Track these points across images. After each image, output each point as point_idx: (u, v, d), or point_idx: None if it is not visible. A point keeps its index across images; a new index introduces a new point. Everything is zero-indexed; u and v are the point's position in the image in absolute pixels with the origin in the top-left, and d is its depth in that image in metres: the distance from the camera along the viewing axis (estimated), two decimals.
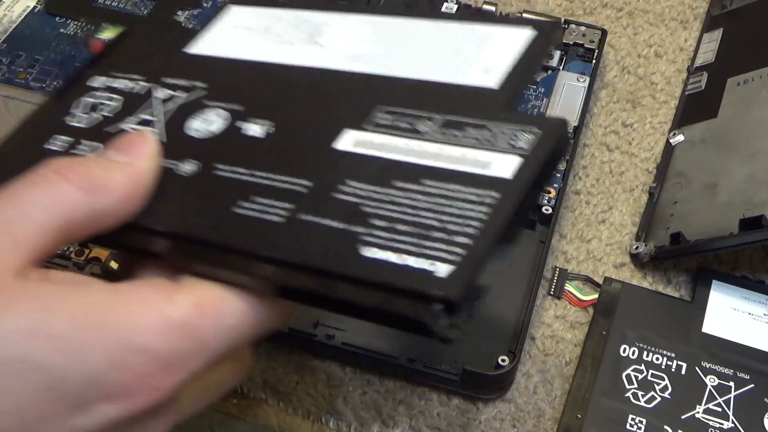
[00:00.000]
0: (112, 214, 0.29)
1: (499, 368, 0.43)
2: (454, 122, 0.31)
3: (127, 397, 0.27)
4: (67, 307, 0.27)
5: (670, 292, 0.48)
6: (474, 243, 0.26)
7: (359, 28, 0.37)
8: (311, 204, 0.29)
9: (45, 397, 0.26)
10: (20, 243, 0.28)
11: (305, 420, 0.43)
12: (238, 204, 0.30)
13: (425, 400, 0.44)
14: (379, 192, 0.29)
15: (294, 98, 0.35)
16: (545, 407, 0.44)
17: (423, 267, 0.26)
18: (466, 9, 0.59)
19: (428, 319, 0.26)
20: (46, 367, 0.26)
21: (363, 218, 0.28)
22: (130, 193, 0.30)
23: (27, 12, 0.58)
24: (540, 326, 0.47)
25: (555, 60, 0.56)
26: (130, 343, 0.27)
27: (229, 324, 0.29)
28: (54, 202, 0.28)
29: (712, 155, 0.51)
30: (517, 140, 0.29)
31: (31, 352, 0.26)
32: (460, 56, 0.34)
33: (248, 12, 0.40)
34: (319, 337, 0.44)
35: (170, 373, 0.28)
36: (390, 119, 0.32)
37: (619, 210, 0.52)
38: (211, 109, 0.34)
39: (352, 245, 0.27)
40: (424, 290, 0.26)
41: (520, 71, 0.33)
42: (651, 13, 0.62)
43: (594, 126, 0.56)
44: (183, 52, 0.39)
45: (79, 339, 0.27)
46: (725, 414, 0.43)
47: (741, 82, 0.54)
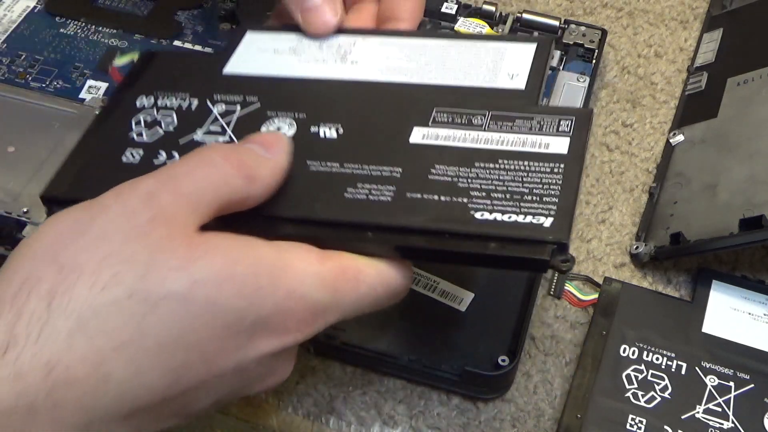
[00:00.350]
0: (254, 199, 0.35)
1: (499, 368, 0.43)
2: (502, 116, 0.38)
3: (282, 334, 0.33)
4: (247, 260, 0.32)
5: (670, 292, 0.48)
6: (560, 199, 0.34)
7: (383, 48, 0.43)
8: (411, 184, 0.36)
9: (224, 334, 0.32)
10: (196, 211, 0.33)
11: (305, 420, 0.43)
12: (347, 190, 0.36)
13: (425, 400, 0.44)
14: (466, 171, 0.36)
15: (351, 103, 0.41)
16: (545, 407, 0.44)
17: (530, 221, 0.34)
18: (465, 8, 0.59)
19: (548, 257, 0.33)
20: (230, 309, 0.32)
21: (462, 191, 0.35)
22: (270, 185, 0.36)
23: (27, 12, 0.58)
24: (540, 326, 0.47)
25: (555, 60, 0.56)
26: (293, 292, 0.33)
27: (363, 288, 0.35)
28: (221, 183, 0.34)
29: (712, 155, 0.51)
30: (560, 125, 0.37)
31: (220, 296, 0.31)
32: (483, 66, 0.41)
33: (266, 36, 0.45)
34: (319, 337, 0.44)
35: (315, 320, 0.34)
36: (447, 117, 0.39)
37: (619, 210, 0.52)
38: (276, 118, 0.40)
39: (465, 211, 0.34)
40: (540, 237, 0.33)
41: (537, 75, 0.41)
42: (651, 13, 0.62)
43: (594, 126, 0.56)
44: (222, 72, 0.44)
45: (257, 286, 0.32)
46: (725, 414, 0.43)
47: (741, 82, 0.54)
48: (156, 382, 0.31)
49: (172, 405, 0.33)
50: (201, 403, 0.34)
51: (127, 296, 0.31)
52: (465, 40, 0.43)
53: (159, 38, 0.56)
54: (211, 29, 0.57)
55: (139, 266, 0.31)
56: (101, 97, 0.53)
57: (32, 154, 0.49)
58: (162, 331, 0.31)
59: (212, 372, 0.33)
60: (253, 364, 0.34)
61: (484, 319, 0.45)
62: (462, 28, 0.57)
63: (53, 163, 0.49)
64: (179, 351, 0.31)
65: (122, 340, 0.31)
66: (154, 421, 0.33)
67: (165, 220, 0.32)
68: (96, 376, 0.30)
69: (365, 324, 0.45)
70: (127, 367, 0.31)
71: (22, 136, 0.50)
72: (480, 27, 0.57)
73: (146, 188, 0.33)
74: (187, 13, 0.58)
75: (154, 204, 0.32)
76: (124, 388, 0.31)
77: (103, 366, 0.30)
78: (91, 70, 0.54)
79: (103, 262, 0.31)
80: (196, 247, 0.32)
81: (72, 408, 0.30)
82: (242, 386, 0.35)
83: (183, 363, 0.32)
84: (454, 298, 0.46)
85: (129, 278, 0.31)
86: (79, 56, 0.55)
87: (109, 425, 0.31)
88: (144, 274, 0.31)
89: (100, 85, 0.53)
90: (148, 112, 0.41)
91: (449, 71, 0.42)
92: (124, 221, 0.32)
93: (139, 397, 0.31)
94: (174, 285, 0.31)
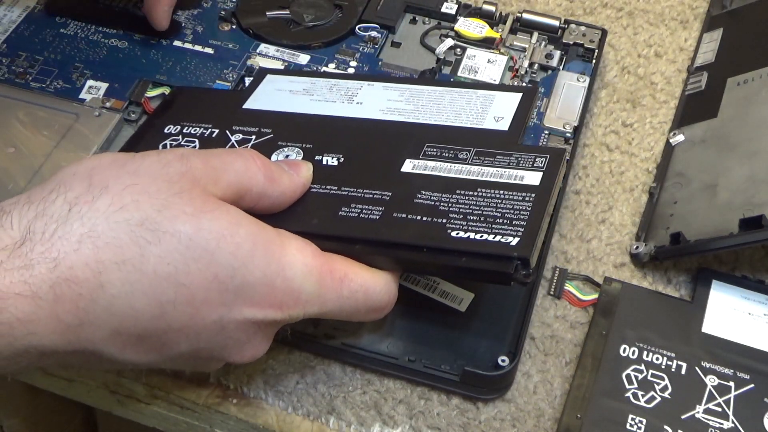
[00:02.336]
0: (270, 200, 0.40)
1: (499, 368, 0.43)
2: (486, 152, 0.43)
3: (264, 306, 0.37)
4: (250, 228, 0.36)
5: (670, 292, 0.48)
6: (527, 223, 0.39)
7: (386, 92, 0.49)
8: (398, 206, 0.41)
9: (212, 285, 0.35)
10: (217, 184, 0.37)
11: (305, 420, 0.43)
12: (341, 209, 0.41)
13: (425, 400, 0.44)
14: (447, 197, 0.41)
15: (353, 138, 0.46)
16: (545, 407, 0.44)
17: (499, 240, 0.38)
18: (465, 8, 0.59)
19: (512, 270, 0.37)
20: (222, 263, 0.35)
21: (442, 214, 0.40)
22: (286, 192, 0.40)
23: (27, 12, 0.58)
24: (540, 326, 0.47)
25: (555, 60, 0.56)
26: (282, 271, 0.37)
27: (345, 291, 0.38)
28: (245, 171, 0.38)
29: (712, 155, 0.51)
30: (535, 162, 0.42)
31: (218, 248, 0.35)
32: (473, 110, 0.47)
33: (283, 79, 0.52)
34: (319, 337, 0.44)
35: (296, 305, 0.37)
36: (436, 151, 0.44)
37: (619, 210, 0.52)
38: (286, 147, 0.45)
39: (443, 230, 0.39)
40: (506, 253, 0.38)
41: (519, 119, 0.46)
42: (651, 13, 0.62)
43: (594, 126, 0.56)
44: (241, 108, 0.49)
45: (252, 252, 0.36)
46: (725, 414, 0.43)
47: (741, 82, 0.54)
48: (144, 308, 0.35)
49: (153, 339, 0.36)
50: (180, 347, 0.37)
51: (139, 222, 0.35)
52: (459, 88, 0.49)
53: (159, 38, 0.56)
54: (211, 29, 0.57)
55: (157, 201, 0.35)
56: (101, 97, 0.53)
57: (32, 154, 0.49)
58: (160, 263, 0.34)
59: (195, 318, 0.36)
60: (233, 325, 0.37)
61: (484, 320, 0.45)
62: (462, 29, 0.57)
63: (53, 164, 0.49)
64: (170, 287, 0.35)
65: (124, 258, 0.34)
66: (136, 350, 0.36)
67: (193, 177, 0.37)
68: (94, 282, 0.34)
69: (365, 324, 0.45)
70: (122, 284, 0.34)
71: (22, 136, 0.50)
72: (480, 27, 0.57)
73: (182, 151, 0.38)
74: (187, 13, 0.58)
75: (186, 162, 0.37)
76: (116, 302, 0.34)
77: (102, 275, 0.34)
78: (91, 70, 0.54)
79: (128, 189, 0.35)
80: (210, 202, 0.36)
81: (69, 306, 0.34)
82: (220, 346, 0.37)
83: (171, 299, 0.35)
84: (454, 299, 0.46)
85: (146, 207, 0.35)
86: (79, 56, 0.55)
87: (97, 335, 0.35)
88: (160, 209, 0.35)
89: (100, 85, 0.53)
90: (174, 138, 0.47)
91: (442, 113, 0.47)
92: (158, 168, 0.37)
93: (127, 317, 0.35)
94: (182, 226, 0.35)
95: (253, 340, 0.38)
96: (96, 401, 0.47)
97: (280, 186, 0.40)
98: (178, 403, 0.44)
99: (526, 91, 0.48)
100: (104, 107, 0.52)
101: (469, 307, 0.45)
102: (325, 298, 0.38)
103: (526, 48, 0.57)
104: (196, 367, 0.42)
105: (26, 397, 0.61)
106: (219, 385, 0.44)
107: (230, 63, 0.55)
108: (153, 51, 0.56)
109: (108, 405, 0.47)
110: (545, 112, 0.53)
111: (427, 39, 0.58)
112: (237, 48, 0.56)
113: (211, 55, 0.56)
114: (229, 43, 0.57)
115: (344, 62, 0.56)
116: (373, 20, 0.58)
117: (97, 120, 0.51)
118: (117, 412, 0.47)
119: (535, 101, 0.48)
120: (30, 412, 0.62)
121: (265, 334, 0.39)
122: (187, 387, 0.44)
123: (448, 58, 0.56)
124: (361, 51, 0.57)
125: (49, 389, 0.48)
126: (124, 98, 0.53)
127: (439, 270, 0.41)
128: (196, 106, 0.50)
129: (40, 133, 0.50)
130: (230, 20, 0.58)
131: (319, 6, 0.58)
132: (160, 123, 0.48)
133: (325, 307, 0.38)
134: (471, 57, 0.56)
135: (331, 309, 0.38)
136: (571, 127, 0.53)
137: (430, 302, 0.46)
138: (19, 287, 0.33)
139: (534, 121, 0.53)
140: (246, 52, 0.56)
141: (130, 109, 0.52)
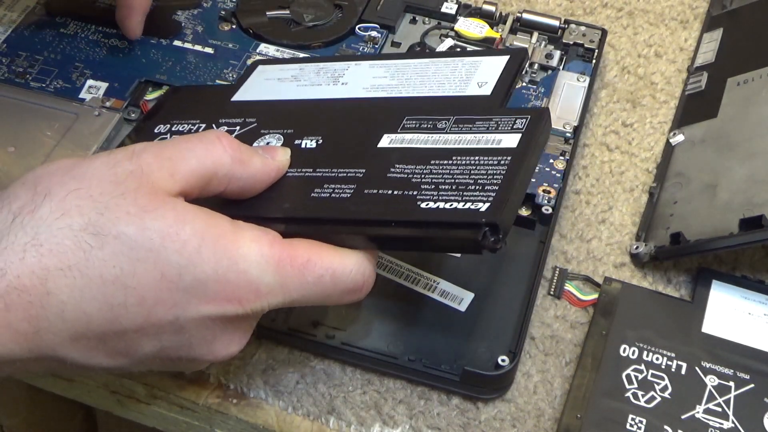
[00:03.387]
0: (241, 182, 0.38)
1: (499, 368, 0.43)
2: (465, 119, 0.42)
3: (221, 302, 0.36)
4: (196, 223, 0.35)
5: (670, 292, 0.48)
6: (499, 187, 0.37)
7: (371, 70, 0.48)
8: (370, 183, 0.39)
9: (162, 285, 0.35)
10: (174, 176, 0.36)
11: (305, 420, 0.43)
12: (314, 191, 0.40)
13: (425, 400, 0.44)
14: (421, 168, 0.39)
15: (334, 119, 0.45)
16: (545, 407, 0.44)
17: (468, 207, 0.37)
18: (465, 8, 0.59)
19: (480, 237, 0.35)
20: (169, 262, 0.35)
21: (414, 186, 0.38)
22: (259, 176, 0.39)
23: (27, 12, 0.58)
24: (540, 326, 0.47)
25: (555, 60, 0.56)
26: (235, 265, 0.35)
27: (309, 277, 0.37)
28: (206, 155, 0.37)
29: (712, 155, 0.51)
30: (515, 124, 0.40)
31: (162, 248, 0.35)
32: (457, 78, 0.46)
33: (275, 68, 0.51)
34: (319, 337, 0.44)
35: (257, 297, 0.36)
36: (415, 123, 0.43)
37: (619, 210, 0.52)
38: (267, 134, 0.44)
39: (412, 202, 0.38)
40: (473, 220, 0.36)
41: (504, 82, 0.44)
42: (651, 13, 0.62)
43: (594, 126, 0.56)
44: (230, 100, 0.49)
45: (198, 249, 0.35)
46: (725, 414, 0.43)
47: (741, 82, 0.54)
48: (95, 314, 0.34)
49: (115, 342, 0.36)
50: (144, 348, 0.36)
51: (82, 226, 0.34)
52: (445, 57, 0.48)
53: (159, 38, 0.56)
54: (211, 29, 0.57)
55: (100, 204, 0.35)
56: (101, 97, 0.53)
57: (32, 154, 0.49)
58: (106, 267, 0.34)
59: (150, 320, 0.35)
60: (192, 324, 0.36)
61: (484, 319, 0.45)
62: (462, 29, 0.57)
63: None
64: (119, 290, 0.34)
65: (69, 264, 0.34)
66: (103, 354, 0.36)
67: (141, 175, 0.36)
68: (41, 289, 0.34)
69: (365, 324, 0.45)
70: (70, 290, 0.34)
71: (23, 136, 0.50)
72: (480, 27, 0.57)
73: (133, 148, 0.37)
74: (187, 13, 0.58)
75: (135, 160, 0.36)
76: (66, 308, 0.34)
77: (48, 282, 0.34)
78: (91, 70, 0.54)
79: (72, 194, 0.35)
80: (155, 201, 0.35)
81: (21, 314, 0.34)
82: (186, 345, 0.37)
83: (121, 303, 0.35)
84: (454, 298, 0.46)
85: (88, 211, 0.34)
86: (79, 56, 0.55)
87: (56, 342, 0.35)
88: (102, 212, 0.35)
89: (100, 85, 0.53)
90: (163, 137, 0.47)
91: (425, 84, 0.46)
92: (105, 169, 0.36)
93: (79, 321, 0.34)
94: (125, 227, 0.34)
95: (222, 336, 0.37)
96: (96, 401, 0.47)
97: (249, 168, 0.39)
98: (178, 403, 0.44)
99: (513, 54, 0.46)
100: (104, 107, 0.52)
101: (469, 306, 0.45)
102: (288, 287, 0.37)
103: (525, 48, 0.57)
104: (173, 367, 0.42)
105: (26, 397, 0.61)
106: (219, 385, 0.44)
107: (230, 63, 0.55)
108: (153, 51, 0.56)
109: (108, 405, 0.47)
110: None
111: (427, 39, 0.58)
112: (237, 48, 0.56)
113: (211, 55, 0.56)
114: (229, 42, 0.57)
115: None
116: (373, 20, 0.58)
117: (97, 119, 0.51)
118: (117, 412, 0.47)
119: (524, 64, 0.46)
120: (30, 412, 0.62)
121: (237, 330, 0.38)
122: (187, 387, 0.44)
123: None
124: (361, 51, 0.56)
125: (49, 389, 0.48)
126: (124, 98, 0.53)
127: (410, 244, 0.40)
128: (187, 103, 0.50)
129: (40, 133, 0.50)
130: (230, 20, 0.58)
131: (319, 6, 0.58)
132: (152, 123, 0.48)
133: (290, 296, 0.37)
134: None
135: (297, 297, 0.37)
136: (571, 127, 0.53)
137: (430, 302, 0.46)
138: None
139: None
140: (246, 52, 0.56)
141: (130, 109, 0.52)
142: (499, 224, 0.36)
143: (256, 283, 0.36)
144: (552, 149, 0.52)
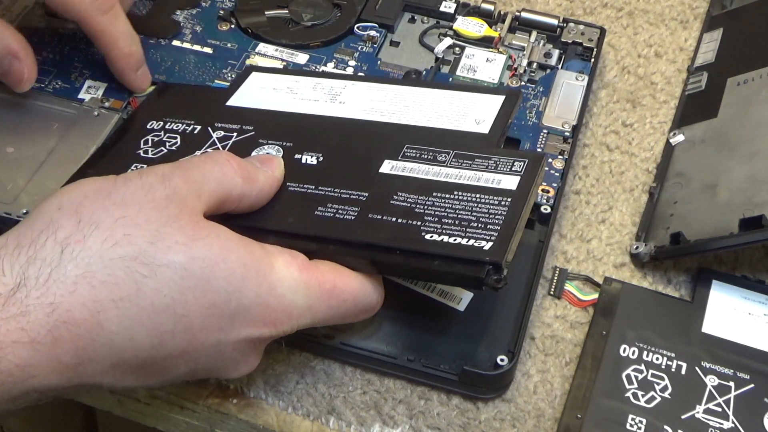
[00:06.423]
0: (250, 199, 0.40)
1: (499, 368, 0.43)
2: (465, 155, 0.43)
3: (259, 326, 0.37)
4: (241, 251, 0.37)
5: (670, 292, 0.48)
6: (502, 228, 0.39)
7: (369, 92, 0.49)
8: (374, 207, 0.41)
9: (209, 312, 0.36)
10: (201, 198, 0.38)
11: (305, 420, 0.43)
12: (317, 209, 0.41)
13: (425, 400, 0.44)
14: (424, 199, 0.41)
15: (334, 137, 0.46)
16: (545, 407, 0.44)
17: (472, 244, 0.38)
18: (464, 7, 0.59)
19: (483, 275, 0.37)
20: (218, 289, 0.36)
21: (417, 216, 0.40)
22: (264, 189, 0.41)
23: (26, 12, 0.58)
24: (540, 326, 0.47)
25: (554, 59, 0.56)
26: (273, 290, 0.37)
27: (334, 301, 0.39)
28: (223, 178, 0.39)
29: (712, 155, 0.51)
30: (513, 166, 0.42)
31: (212, 276, 0.36)
32: (455, 111, 0.47)
33: (268, 77, 0.52)
34: (319, 337, 0.44)
35: (288, 320, 0.38)
36: (416, 153, 0.44)
37: (619, 210, 0.52)
38: (266, 145, 0.45)
39: (417, 233, 0.39)
40: (478, 257, 0.38)
41: (500, 122, 0.46)
42: (651, 13, 0.62)
43: (594, 126, 0.56)
44: (224, 104, 0.49)
45: (244, 275, 0.36)
46: (725, 414, 0.43)
47: (741, 82, 0.54)
48: (143, 341, 0.35)
49: (153, 366, 0.36)
50: (179, 370, 0.37)
51: (133, 256, 0.35)
52: (442, 89, 0.49)
53: (158, 38, 0.56)
54: (210, 29, 0.57)
55: (149, 233, 0.35)
56: (100, 97, 0.53)
57: (31, 154, 0.49)
58: (157, 295, 0.35)
59: (194, 345, 0.36)
60: (231, 347, 0.37)
61: (484, 319, 0.45)
62: (461, 27, 0.57)
63: (53, 163, 0.49)
64: (169, 317, 0.35)
65: (121, 295, 0.34)
66: (136, 378, 0.36)
67: (178, 199, 0.37)
68: (92, 321, 0.34)
69: (365, 324, 0.45)
70: (120, 320, 0.34)
71: (22, 136, 0.50)
72: (479, 25, 0.57)
73: (162, 171, 0.38)
74: (186, 13, 0.58)
75: (168, 185, 0.37)
76: (115, 338, 0.34)
77: (100, 314, 0.34)
78: (90, 71, 0.54)
79: (118, 222, 0.35)
80: (200, 229, 0.36)
81: (68, 347, 0.34)
82: (218, 366, 0.38)
83: (170, 330, 0.35)
84: (454, 298, 0.46)
85: (139, 241, 0.35)
86: (78, 56, 0.55)
87: (97, 370, 0.35)
88: (152, 241, 0.35)
89: (99, 85, 0.53)
90: (156, 134, 0.47)
91: (424, 114, 0.47)
92: (142, 194, 0.36)
93: (126, 350, 0.35)
94: (176, 256, 0.35)
95: (249, 356, 0.39)
96: (96, 401, 0.47)
97: (257, 184, 0.40)
98: (178, 403, 0.44)
99: (508, 94, 0.48)
100: (103, 107, 0.52)
101: (469, 306, 0.45)
102: (315, 310, 0.38)
103: (524, 47, 0.57)
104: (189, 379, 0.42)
105: None
106: (219, 385, 0.44)
107: (229, 62, 0.55)
108: (152, 50, 0.56)
109: (108, 405, 0.47)
110: (544, 111, 0.53)
111: (425, 38, 0.57)
112: (236, 47, 0.56)
113: (210, 55, 0.56)
114: (227, 42, 0.57)
115: (343, 62, 0.56)
116: (372, 19, 0.58)
117: (96, 120, 0.51)
118: (117, 412, 0.47)
119: (518, 105, 0.48)
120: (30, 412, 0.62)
121: (259, 350, 0.40)
122: (187, 387, 0.44)
123: (447, 57, 0.56)
124: (359, 50, 0.56)
125: None
126: (122, 98, 0.53)
127: (412, 272, 0.42)
128: (180, 102, 0.50)
129: (39, 133, 0.50)
130: (229, 20, 0.58)
131: (318, 5, 0.58)
132: (143, 118, 0.48)
133: (316, 317, 0.39)
134: (470, 56, 0.56)
135: (322, 318, 0.39)
136: (570, 126, 0.53)
137: (429, 302, 0.46)
138: (17, 335, 0.33)
139: (533, 120, 0.53)
140: (245, 52, 0.56)
141: (129, 109, 0.52)
142: (502, 264, 0.37)
143: (290, 307, 0.38)
144: (551, 148, 0.52)
